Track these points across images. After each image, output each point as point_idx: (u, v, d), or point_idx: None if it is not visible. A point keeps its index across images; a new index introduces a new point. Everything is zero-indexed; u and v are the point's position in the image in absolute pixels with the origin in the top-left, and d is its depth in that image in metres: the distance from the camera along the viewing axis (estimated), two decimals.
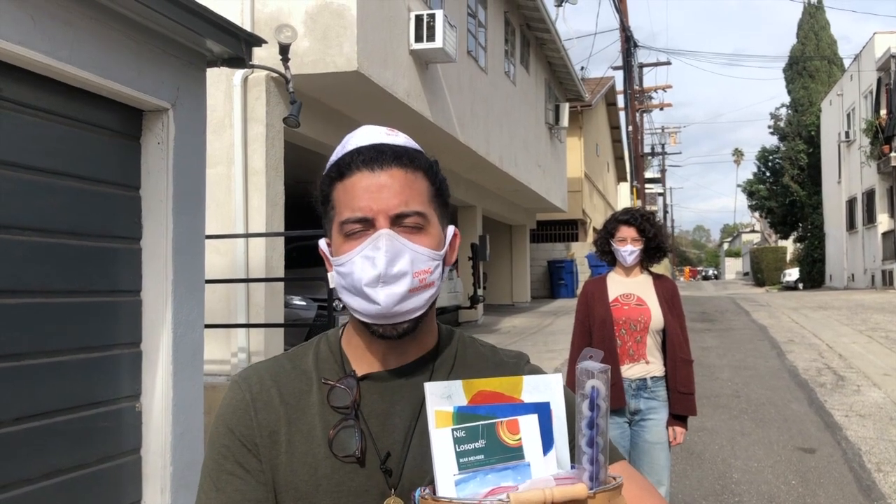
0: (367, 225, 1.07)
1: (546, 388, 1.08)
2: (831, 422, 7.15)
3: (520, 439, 1.03)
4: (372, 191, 1.07)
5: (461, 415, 1.03)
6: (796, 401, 8.06)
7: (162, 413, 3.55)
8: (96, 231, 3.35)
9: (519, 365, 1.22)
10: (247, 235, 7.46)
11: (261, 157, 7.64)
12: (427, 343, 1.18)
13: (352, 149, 1.11)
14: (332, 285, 1.15)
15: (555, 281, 24.71)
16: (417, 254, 1.08)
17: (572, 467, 1.03)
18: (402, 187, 1.08)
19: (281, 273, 7.99)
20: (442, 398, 1.03)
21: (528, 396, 1.07)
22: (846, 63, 33.01)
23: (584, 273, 24.73)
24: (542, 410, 1.07)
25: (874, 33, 25.87)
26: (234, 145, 7.56)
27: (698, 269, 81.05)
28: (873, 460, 6.00)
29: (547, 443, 1.05)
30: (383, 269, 1.05)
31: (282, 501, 1.09)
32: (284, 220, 8.15)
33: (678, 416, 3.73)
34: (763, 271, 40.31)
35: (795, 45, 37.95)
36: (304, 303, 9.52)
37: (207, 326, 4.03)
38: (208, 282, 4.10)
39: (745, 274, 60.75)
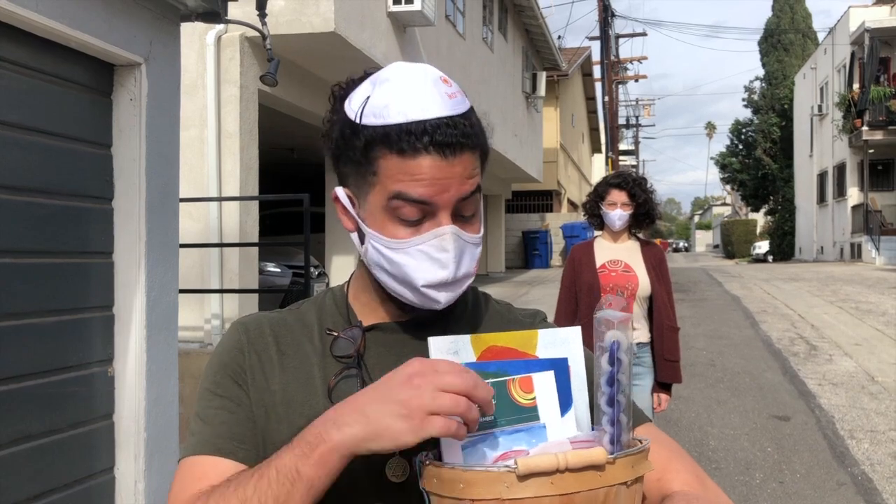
0: (426, 211, 0.97)
1: (563, 342, 1.00)
2: (805, 390, 7.23)
3: (534, 398, 0.94)
4: (440, 178, 0.95)
5: None
6: (770, 370, 8.14)
7: (135, 378, 3.45)
8: (66, 190, 3.21)
9: (534, 323, 1.16)
10: (220, 199, 7.30)
11: (234, 120, 7.46)
12: None
13: (416, 120, 0.94)
14: (362, 257, 1.05)
15: (529, 251, 24.75)
16: (474, 247, 1.02)
17: (593, 429, 0.95)
18: (469, 174, 0.98)
19: (255, 238, 7.85)
20: (447, 354, 0.94)
21: (543, 352, 0.99)
22: (820, 37, 33.16)
23: (558, 244, 24.81)
24: (559, 367, 0.98)
25: (849, 7, 25.99)
26: (207, 107, 7.37)
27: (669, 241, 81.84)
28: (846, 427, 6.07)
29: (565, 402, 0.97)
30: (452, 274, 0.98)
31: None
32: (259, 186, 8.00)
33: (663, 384, 3.71)
34: (733, 244, 40.78)
35: (771, 17, 38.08)
36: (278, 269, 9.40)
37: (181, 292, 3.92)
38: (181, 246, 3.97)
39: (716, 246, 61.49)
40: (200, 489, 0.96)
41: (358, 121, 0.97)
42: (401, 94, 0.95)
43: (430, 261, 0.97)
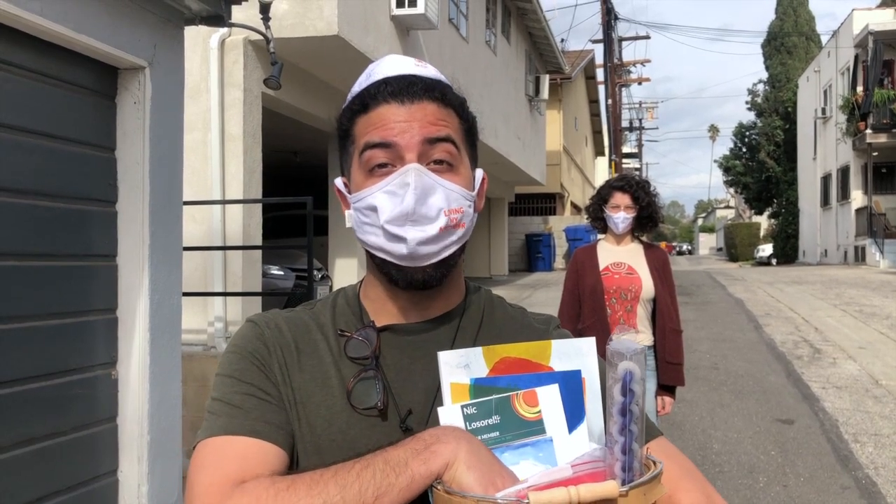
0: (393, 157, 0.98)
1: (577, 353, 1.00)
2: (809, 393, 7.21)
3: (539, 412, 0.94)
4: (400, 121, 0.98)
5: (479, 388, 0.94)
6: (774, 373, 8.12)
7: (139, 381, 3.45)
8: (69, 193, 3.22)
9: (548, 330, 1.14)
10: (224, 202, 7.31)
11: (238, 123, 7.46)
12: (453, 298, 1.09)
13: (378, 79, 1.02)
14: (348, 225, 1.06)
15: (532, 254, 24.73)
16: (449, 191, 0.99)
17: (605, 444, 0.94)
18: (435, 120, 1.00)
19: (258, 241, 7.85)
20: (458, 368, 0.94)
21: (557, 363, 0.99)
22: (824, 40, 33.13)
23: (561, 247, 24.79)
24: (572, 379, 0.98)
25: (853, 10, 25.94)
26: (211, 111, 7.37)
27: (672, 244, 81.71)
28: (850, 431, 6.05)
29: (577, 415, 0.96)
30: (412, 207, 0.96)
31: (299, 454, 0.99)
32: (262, 189, 8.00)
33: (666, 387, 3.71)
34: (737, 247, 40.70)
35: (774, 20, 38.04)
36: (281, 272, 9.40)
37: (184, 295, 3.92)
38: (185, 249, 3.98)
39: (719, 249, 61.38)
40: (257, 472, 0.90)
41: (345, 105, 1.06)
42: (376, 69, 1.04)
43: (392, 197, 0.97)
